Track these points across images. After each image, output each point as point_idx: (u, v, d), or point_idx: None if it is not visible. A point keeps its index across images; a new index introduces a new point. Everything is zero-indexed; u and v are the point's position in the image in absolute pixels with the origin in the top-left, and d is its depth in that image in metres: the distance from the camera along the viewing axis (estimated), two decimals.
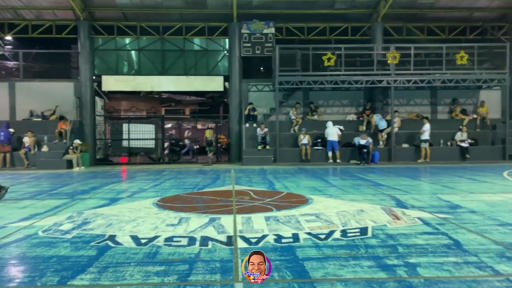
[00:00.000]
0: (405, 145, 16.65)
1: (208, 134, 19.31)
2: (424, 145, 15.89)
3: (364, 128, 16.72)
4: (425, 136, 15.81)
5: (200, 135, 24.14)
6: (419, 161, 15.94)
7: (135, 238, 4.66)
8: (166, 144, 20.22)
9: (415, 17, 18.10)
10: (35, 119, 16.97)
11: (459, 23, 18.46)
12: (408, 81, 16.15)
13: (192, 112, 31.44)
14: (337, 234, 4.74)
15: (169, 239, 4.59)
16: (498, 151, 16.57)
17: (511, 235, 4.70)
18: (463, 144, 16.30)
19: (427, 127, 15.82)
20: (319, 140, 16.39)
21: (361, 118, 17.29)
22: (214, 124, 24.29)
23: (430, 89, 17.92)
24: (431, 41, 17.96)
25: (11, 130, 15.58)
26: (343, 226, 5.12)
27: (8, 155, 15.21)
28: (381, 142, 16.55)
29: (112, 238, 4.69)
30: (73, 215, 6.01)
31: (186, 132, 21.56)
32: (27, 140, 15.52)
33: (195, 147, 21.76)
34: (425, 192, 8.30)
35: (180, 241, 4.52)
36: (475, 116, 17.53)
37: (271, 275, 3.41)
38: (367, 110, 17.18)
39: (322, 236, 4.65)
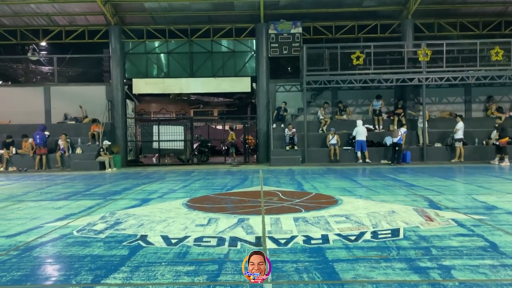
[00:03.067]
0: (438, 145, 16.20)
1: (231, 136, 19.70)
2: (458, 144, 15.42)
3: (395, 127, 16.35)
4: (459, 135, 15.34)
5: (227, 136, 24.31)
6: (452, 160, 15.47)
7: (165, 238, 4.73)
8: (195, 145, 20.46)
9: (447, 13, 17.57)
10: (69, 122, 17.52)
11: (493, 18, 17.79)
12: (441, 79, 15.70)
13: (220, 113, 31.71)
14: (367, 236, 4.67)
15: (198, 239, 4.64)
16: None
17: None
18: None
19: (460, 125, 15.35)
20: (355, 140, 15.91)
21: (391, 117, 16.94)
22: (242, 125, 24.42)
23: (463, 87, 17.32)
24: (464, 37, 17.39)
25: (47, 133, 16.13)
26: (373, 228, 5.04)
27: (44, 157, 15.76)
28: (375, 127, 16.62)
29: (143, 238, 4.78)
30: (106, 215, 6.16)
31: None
32: (61, 142, 16.03)
33: (223, 148, 21.91)
34: (459, 193, 8.06)
35: (209, 242, 4.57)
36: (511, 114, 16.88)
37: (301, 276, 3.39)
38: (399, 109, 16.84)
39: (352, 238, 4.60)
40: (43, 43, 18.79)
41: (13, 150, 15.90)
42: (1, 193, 9.27)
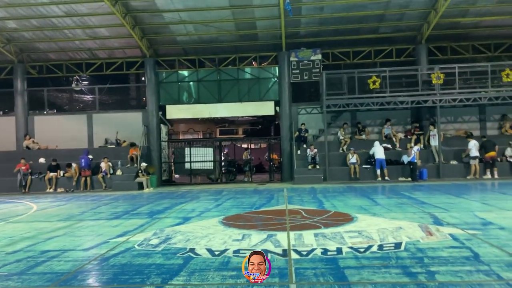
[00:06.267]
0: (454, 162, 16.91)
1: (245, 154, 21.21)
2: (473, 162, 16.09)
3: (412, 145, 17.14)
4: (474, 153, 16.02)
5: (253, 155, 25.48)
6: (468, 177, 16.16)
7: (210, 251, 5.84)
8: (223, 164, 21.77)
9: (460, 37, 18.42)
10: (109, 146, 19.15)
11: (505, 40, 18.55)
12: (454, 100, 16.51)
13: (245, 131, 32.98)
14: (374, 248, 5.62)
15: (236, 251, 5.72)
16: None
17: None
18: None
19: (471, 145, 16.05)
20: (373, 160, 16.80)
21: (408, 136, 17.79)
22: (266, 144, 25.70)
23: (478, 106, 18.01)
24: (476, 59, 18.17)
25: (90, 156, 17.76)
26: (380, 241, 5.99)
27: (88, 179, 17.34)
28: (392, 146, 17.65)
29: (192, 250, 5.92)
30: (157, 232, 7.35)
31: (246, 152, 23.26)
32: (103, 165, 17.58)
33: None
34: (464, 210, 8.82)
35: (245, 253, 5.53)
36: None
37: (318, 279, 4.46)
38: (415, 128, 17.70)
39: (362, 250, 5.57)
40: (85, 75, 20.59)
41: (61, 173, 17.54)
42: (61, 213, 10.68)
